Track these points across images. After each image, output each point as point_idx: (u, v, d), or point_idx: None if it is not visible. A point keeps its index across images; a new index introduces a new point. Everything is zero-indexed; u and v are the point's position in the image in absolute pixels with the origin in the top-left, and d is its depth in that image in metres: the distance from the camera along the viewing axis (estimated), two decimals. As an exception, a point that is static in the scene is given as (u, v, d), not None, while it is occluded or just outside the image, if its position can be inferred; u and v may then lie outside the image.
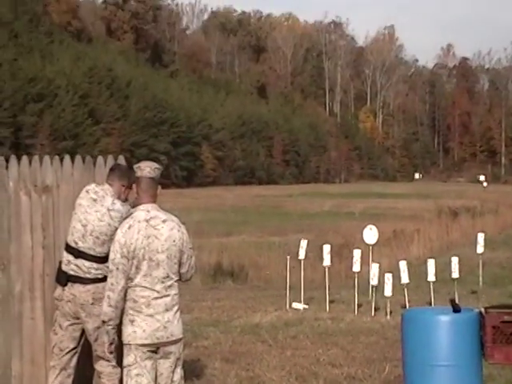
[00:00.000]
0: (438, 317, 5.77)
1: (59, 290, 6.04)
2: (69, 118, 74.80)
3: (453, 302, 5.78)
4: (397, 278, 11.90)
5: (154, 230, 5.20)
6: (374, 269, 11.61)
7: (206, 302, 13.29)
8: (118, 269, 5.17)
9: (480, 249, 13.78)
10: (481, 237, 13.80)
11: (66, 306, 5.99)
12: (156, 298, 5.17)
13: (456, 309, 5.72)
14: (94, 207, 5.95)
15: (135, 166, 5.41)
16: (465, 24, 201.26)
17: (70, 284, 5.96)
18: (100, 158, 6.69)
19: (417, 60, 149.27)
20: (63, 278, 5.98)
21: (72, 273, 5.94)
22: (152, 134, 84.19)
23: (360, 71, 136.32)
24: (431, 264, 11.71)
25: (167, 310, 5.20)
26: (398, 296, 11.98)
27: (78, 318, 5.99)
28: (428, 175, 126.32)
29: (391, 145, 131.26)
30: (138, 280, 5.17)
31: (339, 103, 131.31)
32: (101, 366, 6.06)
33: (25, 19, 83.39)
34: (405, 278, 11.47)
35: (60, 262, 6.08)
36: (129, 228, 5.21)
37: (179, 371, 5.31)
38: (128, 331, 5.19)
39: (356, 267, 11.93)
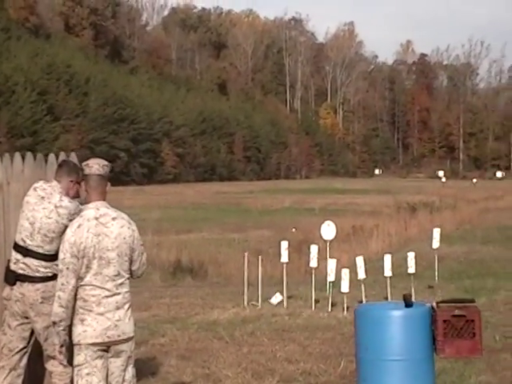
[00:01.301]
0: (389, 312, 5.76)
1: (7, 289, 5.96)
2: (27, 115, 73.88)
3: (405, 296, 5.80)
4: (355, 273, 11.96)
5: (104, 228, 5.14)
6: (331, 264, 11.64)
7: (164, 299, 13.22)
8: (68, 268, 5.09)
9: (436, 244, 13.90)
10: (436, 232, 13.92)
11: (15, 306, 5.90)
12: (107, 297, 5.10)
13: (408, 303, 5.74)
14: (42, 204, 5.86)
15: (83, 164, 5.34)
16: (423, 20, 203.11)
17: (18, 283, 5.87)
18: (51, 156, 6.62)
19: (376, 56, 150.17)
20: (12, 278, 5.89)
21: (21, 272, 5.86)
22: (112, 131, 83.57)
23: (320, 67, 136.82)
24: (387, 259, 11.79)
25: (118, 309, 5.13)
26: (355, 291, 12.04)
27: (27, 318, 5.91)
28: (388, 171, 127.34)
29: (351, 141, 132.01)
30: (88, 279, 5.10)
31: (300, 99, 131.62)
32: (52, 366, 6.00)
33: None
34: (361, 274, 11.53)
35: (8, 261, 5.99)
36: (78, 227, 5.14)
37: (131, 370, 5.25)
38: (78, 330, 5.11)
39: (313, 263, 11.95)
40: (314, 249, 12.00)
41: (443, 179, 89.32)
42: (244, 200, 50.26)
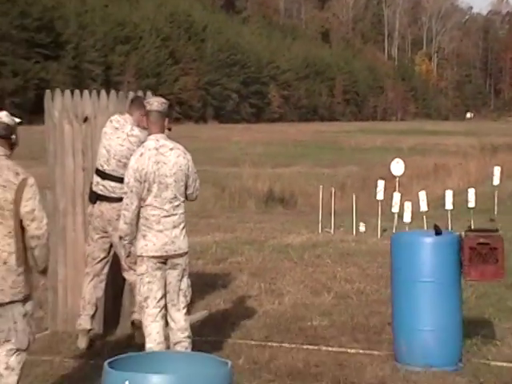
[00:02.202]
0: (421, 238, 5.82)
1: (90, 207, 6.25)
2: (152, 59, 75.39)
3: (435, 226, 5.79)
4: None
5: (163, 157, 5.28)
6: (396, 198, 11.57)
7: (249, 224, 13.41)
8: (131, 191, 5.27)
9: (496, 181, 13.57)
10: (497, 170, 13.57)
11: (96, 221, 6.19)
12: (165, 216, 5.27)
13: (438, 232, 5.73)
14: (116, 134, 6.10)
15: (145, 101, 5.48)
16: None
17: (98, 202, 6.15)
18: (131, 94, 6.81)
19: (471, 7, 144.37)
20: (93, 197, 6.19)
21: (100, 192, 6.13)
22: (225, 74, 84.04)
23: (417, 18, 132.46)
24: (449, 194, 11.63)
25: (175, 227, 5.30)
26: (420, 223, 11.91)
27: (106, 232, 6.19)
28: (479, 115, 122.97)
29: (445, 86, 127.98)
30: (149, 200, 5.27)
31: (397, 48, 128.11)
32: (128, 275, 6.27)
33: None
34: (423, 207, 11.45)
35: (91, 183, 6.27)
36: (140, 155, 5.30)
37: (185, 280, 5.42)
38: (141, 244, 5.32)
39: (379, 196, 11.91)
40: (380, 183, 11.95)
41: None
42: (340, 138, 49.79)
